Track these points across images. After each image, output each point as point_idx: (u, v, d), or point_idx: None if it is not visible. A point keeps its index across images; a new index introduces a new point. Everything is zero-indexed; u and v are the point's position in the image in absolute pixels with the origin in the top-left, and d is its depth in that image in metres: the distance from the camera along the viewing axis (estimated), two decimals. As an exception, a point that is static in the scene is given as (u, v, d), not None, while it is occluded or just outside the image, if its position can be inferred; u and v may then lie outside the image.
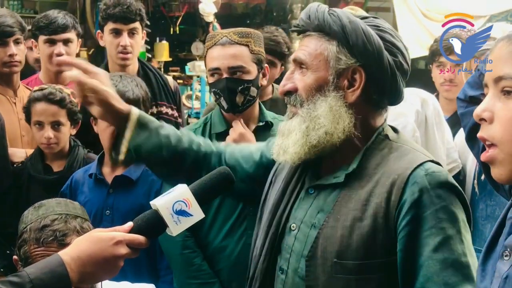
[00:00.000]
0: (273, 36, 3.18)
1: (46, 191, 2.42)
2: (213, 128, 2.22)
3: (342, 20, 1.39)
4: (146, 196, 2.25)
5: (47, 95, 2.45)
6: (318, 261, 1.37)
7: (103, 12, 2.88)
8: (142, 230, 1.31)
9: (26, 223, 1.64)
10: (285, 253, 1.46)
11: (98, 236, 1.27)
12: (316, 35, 1.43)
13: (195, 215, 1.34)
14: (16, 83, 2.87)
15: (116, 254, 1.26)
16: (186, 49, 8.34)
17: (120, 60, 2.87)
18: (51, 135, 2.45)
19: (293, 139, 1.42)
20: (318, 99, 1.41)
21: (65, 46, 3.02)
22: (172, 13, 7.86)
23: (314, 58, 1.42)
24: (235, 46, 2.10)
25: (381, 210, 1.32)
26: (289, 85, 1.46)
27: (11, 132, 2.70)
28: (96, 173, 2.30)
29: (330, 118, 1.38)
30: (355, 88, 1.41)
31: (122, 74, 2.37)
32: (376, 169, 1.38)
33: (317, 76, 1.42)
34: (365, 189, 1.37)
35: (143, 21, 2.93)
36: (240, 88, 2.10)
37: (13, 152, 2.61)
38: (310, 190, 1.48)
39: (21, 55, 2.79)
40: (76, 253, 1.24)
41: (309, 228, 1.41)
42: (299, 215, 1.46)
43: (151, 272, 2.27)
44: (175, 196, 1.32)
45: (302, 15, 1.47)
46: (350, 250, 1.33)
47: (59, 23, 2.98)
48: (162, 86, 2.98)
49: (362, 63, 1.40)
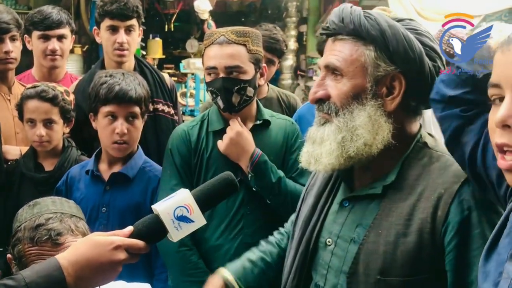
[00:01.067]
0: (272, 34, 3.18)
1: (36, 189, 2.41)
2: (211, 126, 2.21)
3: (381, 25, 1.31)
4: (142, 194, 2.26)
5: (39, 92, 2.42)
6: (360, 277, 1.31)
7: (100, 9, 2.85)
8: (142, 235, 1.28)
9: (21, 221, 1.61)
10: (321, 269, 1.41)
11: (97, 240, 1.24)
12: (350, 40, 1.34)
13: (196, 222, 1.31)
14: (11, 79, 2.85)
15: (115, 259, 1.23)
16: (181, 47, 8.34)
17: (117, 57, 2.85)
18: (43, 133, 2.42)
19: (327, 148, 1.35)
20: (355, 108, 1.33)
21: (59, 42, 3.01)
22: (167, 10, 7.84)
23: (350, 64, 1.33)
24: (232, 46, 2.08)
25: (427, 225, 1.25)
26: (320, 92, 1.38)
27: (5, 129, 2.67)
28: (93, 169, 2.29)
29: (369, 129, 1.31)
30: (395, 95, 1.33)
31: (124, 71, 2.35)
32: (418, 181, 1.31)
33: (353, 83, 1.33)
34: (407, 202, 1.30)
35: (140, 18, 2.91)
36: (236, 88, 2.08)
37: (7, 150, 2.59)
38: (344, 203, 1.41)
39: (16, 52, 2.76)
40: (74, 257, 1.21)
41: (348, 243, 1.35)
42: (335, 230, 1.40)
43: (146, 270, 2.25)
44: (177, 202, 1.30)
45: (334, 18, 1.38)
46: (395, 267, 1.27)
47: (54, 18, 2.96)
48: (159, 83, 2.96)
49: (402, 70, 1.32)
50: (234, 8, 8.80)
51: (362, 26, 1.32)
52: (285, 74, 7.65)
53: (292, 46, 7.58)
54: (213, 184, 1.36)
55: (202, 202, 1.32)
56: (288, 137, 2.26)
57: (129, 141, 2.25)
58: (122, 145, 2.24)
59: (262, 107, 2.29)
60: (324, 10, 7.71)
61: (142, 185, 2.28)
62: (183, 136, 2.19)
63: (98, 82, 2.26)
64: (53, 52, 2.99)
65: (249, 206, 2.16)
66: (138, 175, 2.28)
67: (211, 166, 2.16)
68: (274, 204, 2.15)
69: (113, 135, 2.22)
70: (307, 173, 2.23)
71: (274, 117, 2.30)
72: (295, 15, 7.81)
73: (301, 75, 7.90)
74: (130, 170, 2.27)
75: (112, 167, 2.31)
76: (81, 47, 6.83)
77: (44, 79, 3.09)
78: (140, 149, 2.38)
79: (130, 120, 2.24)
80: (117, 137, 2.22)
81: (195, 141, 2.19)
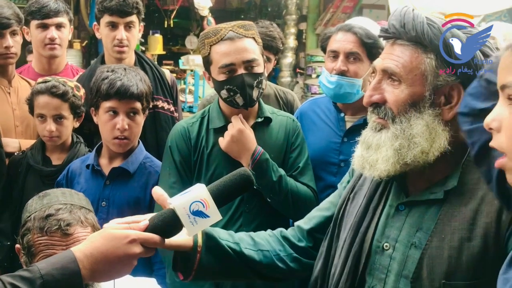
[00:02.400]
0: (268, 32, 3.18)
1: (42, 182, 2.43)
2: (211, 123, 2.19)
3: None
4: (142, 189, 2.26)
5: (50, 88, 2.43)
6: (424, 282, 1.30)
7: (100, 5, 2.84)
8: (157, 229, 1.28)
9: (30, 211, 1.62)
10: (378, 273, 1.40)
11: (113, 234, 1.24)
12: (410, 46, 1.33)
13: (212, 217, 1.30)
14: (11, 73, 2.85)
15: (130, 253, 1.23)
16: (180, 43, 8.32)
17: (116, 53, 2.84)
18: (53, 128, 2.44)
19: (383, 155, 1.34)
20: (412, 115, 1.32)
21: (58, 30, 3.01)
22: (167, 6, 7.81)
23: (410, 71, 1.32)
24: (244, 40, 2.06)
25: (492, 230, 1.24)
26: (376, 96, 1.37)
27: (5, 122, 2.68)
28: (93, 164, 2.29)
29: (427, 137, 1.30)
30: (453, 105, 1.32)
31: (126, 66, 2.35)
32: (477, 185, 1.30)
33: (412, 91, 1.32)
34: (469, 206, 1.29)
35: (140, 14, 2.90)
36: (256, 82, 2.06)
37: (6, 142, 2.60)
38: (400, 207, 1.40)
39: (17, 47, 2.76)
40: (89, 250, 1.21)
41: (408, 248, 1.34)
42: (392, 234, 1.39)
43: (145, 265, 2.25)
44: (193, 197, 1.29)
45: (394, 22, 1.35)
46: (460, 271, 1.26)
47: (51, 7, 2.96)
48: (159, 80, 2.95)
49: (461, 80, 1.30)
50: (233, 5, 8.79)
51: (425, 35, 1.29)
52: (284, 72, 7.64)
53: (291, 44, 7.58)
54: (230, 179, 1.36)
55: (218, 197, 1.31)
56: (289, 134, 2.24)
57: (130, 136, 2.26)
58: (122, 141, 2.24)
59: (263, 104, 2.27)
60: (324, 8, 7.70)
61: (142, 180, 2.28)
62: (183, 133, 2.17)
63: (100, 77, 2.25)
64: (52, 41, 2.99)
65: (249, 204, 2.14)
66: (138, 170, 2.29)
67: (211, 163, 2.15)
68: (274, 202, 2.14)
69: (114, 130, 2.22)
70: (308, 171, 2.24)
71: (275, 114, 2.28)
72: (294, 13, 7.80)
73: (300, 73, 7.89)
74: (131, 165, 2.28)
75: (112, 161, 2.31)
76: (81, 42, 6.81)
77: (44, 71, 3.10)
78: (141, 144, 2.38)
79: (131, 116, 2.25)
80: (118, 133, 2.22)
81: (195, 138, 2.17)
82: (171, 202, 1.30)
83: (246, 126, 2.13)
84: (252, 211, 2.15)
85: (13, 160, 2.58)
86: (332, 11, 7.44)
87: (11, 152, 2.62)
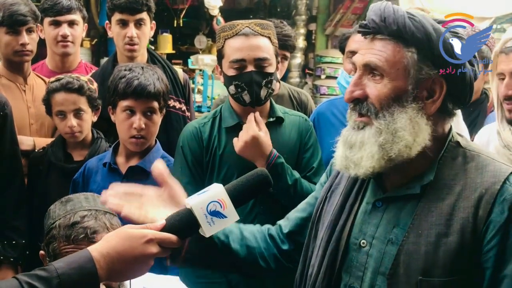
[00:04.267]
0: (283, 31, 3.16)
1: (64, 178, 2.44)
2: (224, 122, 2.18)
3: (426, 28, 1.28)
4: (159, 188, 2.26)
5: (65, 84, 2.45)
6: (401, 278, 1.29)
7: (110, 3, 2.84)
8: (174, 229, 1.27)
9: (54, 218, 1.60)
10: (356, 271, 1.38)
11: (129, 233, 1.23)
12: (391, 40, 1.31)
13: (229, 217, 1.29)
14: (27, 70, 2.85)
15: (147, 253, 1.22)
16: (189, 42, 8.33)
17: (127, 51, 2.84)
18: (74, 123, 2.45)
19: (368, 152, 1.32)
20: (395, 110, 1.30)
21: (70, 27, 3.01)
22: (176, 6, 7.83)
23: (393, 65, 1.30)
24: (259, 38, 2.05)
25: (469, 225, 1.24)
26: (358, 91, 1.35)
27: (20, 120, 2.68)
28: (110, 162, 2.30)
29: (410, 131, 1.29)
30: (435, 99, 1.32)
31: (144, 65, 2.35)
32: (455, 180, 1.31)
33: (395, 85, 1.30)
34: (446, 201, 1.29)
35: (150, 11, 2.88)
36: (265, 81, 2.04)
37: (21, 140, 2.59)
38: (377, 204, 1.39)
39: (33, 44, 2.77)
40: (106, 250, 1.20)
41: (385, 244, 1.33)
42: (369, 231, 1.38)
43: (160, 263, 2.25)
44: (210, 196, 1.28)
45: (374, 16, 1.33)
46: (437, 267, 1.25)
47: (64, 4, 2.97)
48: (171, 79, 2.93)
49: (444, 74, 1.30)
50: (243, 5, 8.80)
51: (406, 28, 1.28)
52: (293, 73, 7.64)
53: (300, 45, 7.57)
54: (247, 179, 1.34)
55: (235, 197, 1.30)
56: (302, 134, 2.23)
57: (147, 136, 2.26)
58: (139, 140, 2.25)
59: (275, 103, 2.26)
60: (334, 9, 7.70)
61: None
62: (195, 134, 2.16)
63: (117, 76, 2.26)
64: (64, 38, 2.99)
65: (263, 206, 2.13)
66: (155, 169, 2.28)
67: (224, 163, 2.14)
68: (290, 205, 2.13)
69: (131, 129, 2.23)
70: (322, 172, 2.23)
71: (287, 113, 2.27)
72: (304, 13, 7.80)
73: (309, 73, 7.89)
74: (148, 163, 2.25)
75: (129, 160, 2.31)
76: (90, 41, 6.84)
77: (57, 68, 3.11)
78: (158, 143, 2.38)
79: (148, 115, 2.25)
80: (135, 132, 2.22)
81: (207, 138, 2.16)
82: (188, 202, 1.30)
83: (262, 127, 2.10)
84: (266, 212, 2.12)
85: (34, 158, 2.59)
86: (342, 12, 7.44)
87: (25, 150, 2.63)
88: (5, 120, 2.38)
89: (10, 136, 2.43)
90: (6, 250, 2.40)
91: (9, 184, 2.43)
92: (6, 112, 2.39)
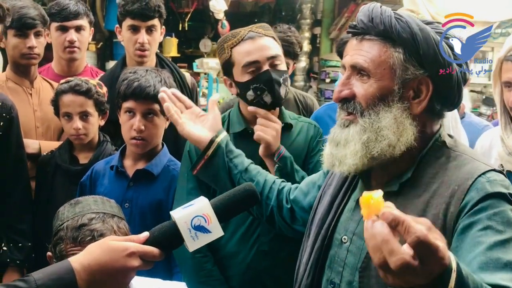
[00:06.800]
0: (286, 37, 3.14)
1: (70, 181, 2.45)
2: (232, 128, 2.15)
3: (412, 28, 1.30)
4: (165, 192, 2.26)
5: (73, 86, 2.46)
6: (372, 272, 1.30)
7: (122, 8, 2.86)
8: (157, 242, 1.26)
9: (62, 220, 1.60)
10: (337, 266, 1.41)
11: (111, 246, 1.23)
12: (378, 40, 1.33)
13: (213, 232, 1.27)
14: (34, 74, 2.86)
15: (128, 266, 1.21)
16: (194, 46, 8.36)
17: (138, 57, 2.85)
18: (80, 126, 2.46)
19: (351, 150, 1.34)
20: (381, 109, 1.32)
21: (77, 33, 3.02)
22: (181, 9, 7.87)
23: (378, 65, 1.31)
24: (264, 38, 2.03)
25: (439, 221, 1.24)
26: (345, 91, 1.37)
27: (26, 123, 2.69)
28: (117, 165, 2.30)
29: (394, 130, 1.30)
30: (421, 99, 1.33)
31: (148, 68, 2.36)
32: (434, 178, 1.31)
33: (381, 85, 1.32)
34: (421, 198, 1.29)
35: (162, 17, 2.90)
36: (282, 78, 2.02)
37: (26, 143, 2.60)
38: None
39: (40, 48, 2.77)
40: (87, 261, 1.20)
41: (362, 240, 1.33)
42: (351, 227, 1.40)
43: (165, 268, 2.25)
44: (195, 211, 1.27)
45: (362, 17, 1.35)
46: None
47: (71, 9, 2.98)
48: (179, 83, 2.94)
49: (430, 74, 1.31)
50: (248, 9, 8.81)
51: (393, 28, 1.30)
52: (298, 76, 7.67)
53: (305, 48, 7.60)
54: (234, 194, 1.33)
55: (221, 212, 1.29)
56: (310, 140, 2.21)
57: (147, 137, 2.26)
58: (139, 141, 2.25)
59: (284, 109, 2.24)
60: (338, 13, 7.72)
61: (166, 183, 2.28)
62: None
63: (121, 78, 2.28)
64: (71, 43, 3.00)
65: None
66: (162, 173, 2.29)
67: None
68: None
69: (131, 131, 2.23)
70: None
71: (296, 119, 2.25)
72: (309, 17, 7.82)
73: (314, 77, 7.90)
74: (155, 167, 2.28)
75: (136, 163, 2.32)
76: (96, 44, 6.86)
77: (63, 72, 3.12)
78: (165, 147, 2.38)
79: (148, 117, 2.25)
80: (135, 133, 2.23)
81: None
82: (173, 215, 1.28)
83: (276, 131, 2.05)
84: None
85: (42, 161, 2.60)
86: (346, 16, 7.45)
87: (31, 153, 2.64)
88: (11, 123, 2.39)
89: (16, 139, 2.45)
90: (12, 253, 2.41)
91: (14, 187, 2.44)
92: (13, 116, 2.40)
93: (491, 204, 1.21)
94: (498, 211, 1.20)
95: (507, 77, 2.17)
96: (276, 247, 2.06)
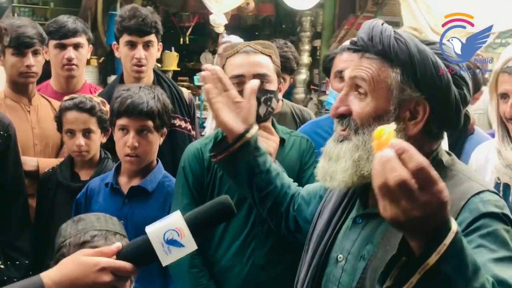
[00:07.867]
0: (282, 52, 3.14)
1: (70, 197, 2.45)
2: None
3: (410, 49, 1.28)
4: (161, 208, 2.26)
5: (77, 103, 2.49)
6: None
7: (119, 24, 2.88)
8: (130, 256, 1.24)
9: (65, 237, 1.60)
10: (331, 285, 1.40)
11: (82, 261, 1.22)
12: (377, 59, 1.32)
13: (187, 246, 1.24)
14: (32, 91, 2.88)
15: (99, 281, 1.20)
16: (195, 59, 8.40)
17: (135, 72, 2.87)
18: (82, 143, 2.49)
19: (342, 166, 1.34)
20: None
21: (75, 50, 3.05)
22: (182, 23, 7.92)
23: (377, 84, 1.31)
24: (259, 55, 2.05)
25: None
26: (342, 108, 1.37)
27: (24, 140, 2.70)
28: (112, 182, 2.31)
29: None
30: (418, 120, 1.31)
31: (142, 85, 2.37)
32: None
33: (377, 104, 1.31)
34: None
35: (158, 33, 2.93)
36: (264, 98, 2.02)
37: (24, 161, 2.61)
38: (357, 220, 1.40)
39: (38, 66, 2.79)
40: (59, 277, 1.20)
41: (358, 260, 1.34)
42: (346, 246, 1.39)
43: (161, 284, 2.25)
44: (167, 225, 1.25)
45: (363, 35, 1.35)
46: None
47: (69, 27, 3.01)
48: (176, 98, 2.96)
49: (427, 96, 1.29)
50: (248, 22, 8.86)
51: (391, 49, 1.29)
52: (298, 88, 7.68)
53: (305, 61, 7.62)
54: (209, 207, 1.31)
55: (194, 226, 1.26)
56: (303, 154, 2.22)
57: (141, 154, 2.26)
58: (133, 158, 2.25)
59: (277, 124, 2.25)
60: (338, 25, 7.74)
61: (161, 199, 2.28)
62: (196, 155, 2.15)
63: (115, 96, 2.30)
64: (69, 61, 3.03)
65: (261, 227, 2.09)
66: (157, 189, 2.29)
67: (224, 184, 2.11)
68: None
69: (125, 148, 2.24)
70: None
71: (289, 134, 2.26)
72: (309, 30, 7.85)
73: (314, 89, 7.91)
74: (149, 184, 2.28)
75: (131, 180, 2.32)
76: (97, 59, 6.90)
77: (62, 89, 3.15)
78: (160, 163, 2.39)
79: (142, 134, 2.25)
80: (128, 150, 2.24)
81: (208, 159, 2.11)
82: (146, 230, 1.27)
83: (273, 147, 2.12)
84: (265, 234, 2.09)
85: (43, 177, 2.62)
86: (346, 28, 7.48)
87: (29, 171, 2.65)
88: (9, 141, 2.41)
89: (13, 157, 2.46)
90: (9, 270, 2.40)
91: (12, 204, 2.45)
92: (10, 134, 2.42)
93: (484, 224, 1.19)
94: (491, 230, 1.18)
95: (504, 88, 2.17)
96: (272, 260, 2.06)
